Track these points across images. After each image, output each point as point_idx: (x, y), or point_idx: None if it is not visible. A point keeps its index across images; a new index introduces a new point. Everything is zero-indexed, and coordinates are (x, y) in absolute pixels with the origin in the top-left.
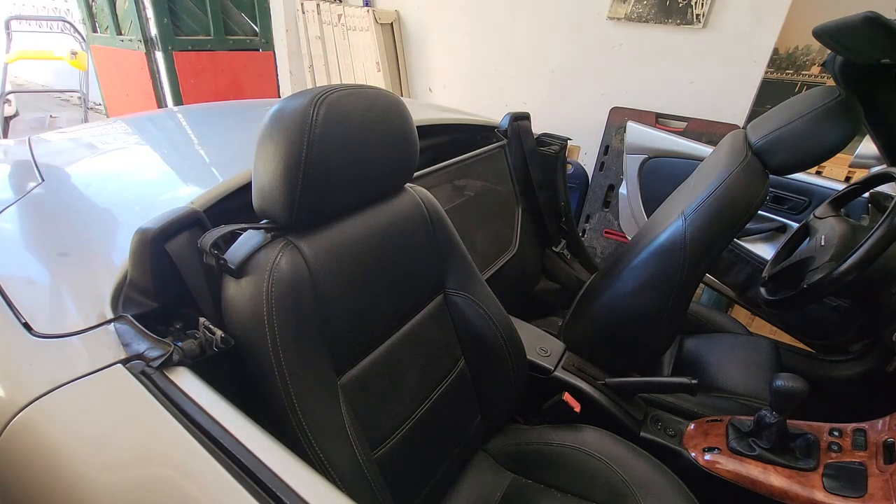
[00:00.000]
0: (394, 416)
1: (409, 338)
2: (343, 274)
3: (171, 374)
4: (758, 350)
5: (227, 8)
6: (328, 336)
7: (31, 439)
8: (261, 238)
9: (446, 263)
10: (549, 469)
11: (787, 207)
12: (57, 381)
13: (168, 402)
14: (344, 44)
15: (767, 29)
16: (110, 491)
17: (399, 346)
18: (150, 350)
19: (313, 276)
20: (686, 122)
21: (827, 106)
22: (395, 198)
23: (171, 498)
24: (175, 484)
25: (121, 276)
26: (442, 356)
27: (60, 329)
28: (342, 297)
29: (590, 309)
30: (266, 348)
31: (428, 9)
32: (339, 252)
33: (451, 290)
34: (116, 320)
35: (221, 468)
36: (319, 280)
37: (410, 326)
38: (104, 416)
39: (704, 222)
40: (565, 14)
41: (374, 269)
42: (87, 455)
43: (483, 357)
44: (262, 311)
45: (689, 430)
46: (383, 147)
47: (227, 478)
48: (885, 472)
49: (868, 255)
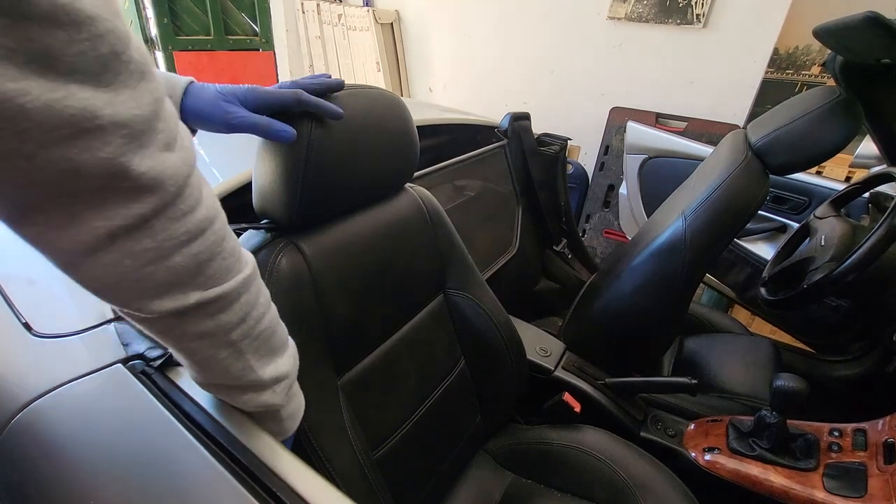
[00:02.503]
0: (394, 417)
1: (409, 338)
2: (344, 274)
3: (172, 374)
4: (758, 350)
5: (227, 8)
6: (328, 336)
7: (32, 439)
8: (261, 238)
9: (446, 263)
10: (549, 469)
11: (787, 207)
12: (57, 380)
13: (168, 402)
14: (344, 44)
15: (767, 29)
16: (110, 490)
17: (399, 346)
18: (151, 350)
19: (314, 276)
20: (686, 122)
21: (827, 106)
22: (396, 198)
23: (170, 497)
24: (175, 483)
25: None
26: (442, 356)
27: (60, 329)
28: (343, 298)
29: (590, 309)
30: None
31: (428, 9)
32: (340, 252)
33: (451, 290)
34: (116, 320)
35: (221, 468)
36: (320, 280)
37: (410, 326)
38: (104, 415)
39: (704, 222)
40: (565, 14)
41: (374, 270)
42: (88, 455)
43: (483, 357)
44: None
45: (689, 430)
46: (384, 147)
47: (227, 477)
48: (885, 472)
49: (868, 255)
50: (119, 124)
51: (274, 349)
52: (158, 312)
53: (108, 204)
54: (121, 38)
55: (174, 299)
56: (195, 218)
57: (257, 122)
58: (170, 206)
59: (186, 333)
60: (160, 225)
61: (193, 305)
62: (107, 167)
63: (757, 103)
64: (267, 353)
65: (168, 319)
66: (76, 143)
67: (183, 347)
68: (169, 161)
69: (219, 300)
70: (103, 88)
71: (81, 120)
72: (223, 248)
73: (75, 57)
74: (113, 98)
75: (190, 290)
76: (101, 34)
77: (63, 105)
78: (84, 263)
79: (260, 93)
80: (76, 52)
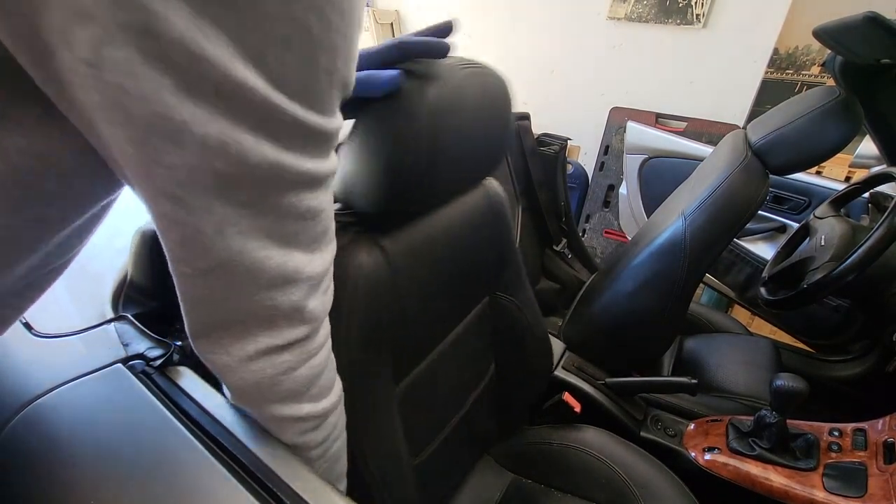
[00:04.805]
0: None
1: (455, 342)
2: (419, 276)
3: (172, 374)
4: (758, 350)
5: None
6: (396, 344)
7: (32, 439)
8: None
9: (504, 265)
10: (549, 469)
11: (787, 207)
12: (57, 380)
13: (168, 402)
14: None
15: (767, 29)
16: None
17: (447, 350)
18: (151, 350)
19: (394, 281)
20: (686, 122)
21: (827, 106)
22: (474, 190)
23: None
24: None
25: (121, 277)
26: (479, 361)
27: (61, 329)
28: (415, 303)
29: (590, 309)
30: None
31: (428, 9)
32: (417, 251)
33: (500, 293)
34: (117, 320)
35: (222, 468)
36: (398, 284)
37: (457, 331)
38: (104, 415)
39: (704, 222)
40: (565, 14)
41: (443, 272)
42: (88, 454)
43: (513, 366)
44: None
45: (689, 430)
46: (488, 133)
47: (227, 477)
48: (885, 471)
49: (868, 255)
50: (310, 277)
51: (337, 476)
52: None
53: (276, 329)
54: (331, 218)
55: (290, 407)
56: (321, 337)
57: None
58: (314, 333)
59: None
60: (301, 346)
61: (301, 417)
62: (293, 306)
63: (757, 103)
64: (330, 478)
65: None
66: (283, 288)
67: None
68: (326, 301)
69: (318, 416)
70: (309, 253)
71: (292, 275)
72: (328, 364)
73: (305, 235)
74: (312, 259)
75: (304, 402)
76: (323, 220)
77: (285, 264)
78: (241, 368)
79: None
80: (307, 233)
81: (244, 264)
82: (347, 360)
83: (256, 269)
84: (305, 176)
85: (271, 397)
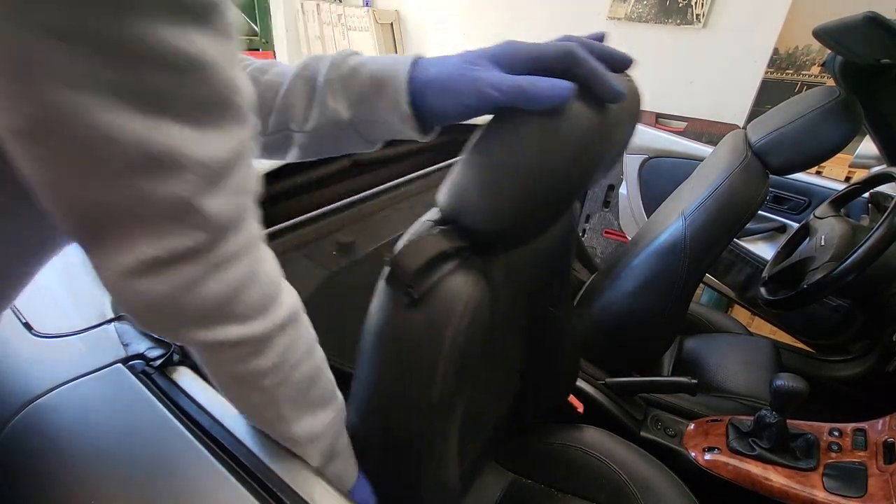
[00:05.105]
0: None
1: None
2: (507, 303)
3: (172, 374)
4: (758, 350)
5: None
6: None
7: (32, 439)
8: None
9: (563, 283)
10: (549, 469)
11: (787, 207)
12: (57, 380)
13: (168, 402)
14: (344, 44)
15: (767, 29)
16: (110, 490)
17: (503, 364)
18: (151, 350)
19: (492, 307)
20: (686, 122)
21: (827, 106)
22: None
23: (170, 497)
24: (175, 483)
25: None
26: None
27: (61, 329)
28: (500, 332)
29: (590, 309)
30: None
31: (428, 9)
32: (512, 279)
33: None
34: (116, 320)
35: (222, 467)
36: (496, 310)
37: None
38: (104, 415)
39: (704, 222)
40: (565, 14)
41: (521, 293)
42: (88, 454)
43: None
44: (439, 351)
45: (689, 430)
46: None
47: (227, 477)
48: (885, 471)
49: (868, 255)
50: (202, 164)
51: (311, 403)
52: (192, 342)
53: (159, 233)
54: (230, 86)
55: (210, 331)
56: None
57: (519, 84)
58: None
59: (222, 371)
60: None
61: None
62: (177, 203)
63: (757, 103)
64: (303, 406)
65: (204, 354)
66: (157, 175)
67: (220, 383)
68: (239, 204)
69: (256, 339)
70: (197, 129)
71: (167, 157)
72: (256, 278)
73: (181, 100)
74: (202, 138)
75: (230, 324)
76: (213, 82)
77: (152, 139)
78: (124, 284)
79: (520, 47)
80: (183, 96)
81: (80, 130)
82: (440, 396)
83: (103, 139)
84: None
85: (181, 320)
